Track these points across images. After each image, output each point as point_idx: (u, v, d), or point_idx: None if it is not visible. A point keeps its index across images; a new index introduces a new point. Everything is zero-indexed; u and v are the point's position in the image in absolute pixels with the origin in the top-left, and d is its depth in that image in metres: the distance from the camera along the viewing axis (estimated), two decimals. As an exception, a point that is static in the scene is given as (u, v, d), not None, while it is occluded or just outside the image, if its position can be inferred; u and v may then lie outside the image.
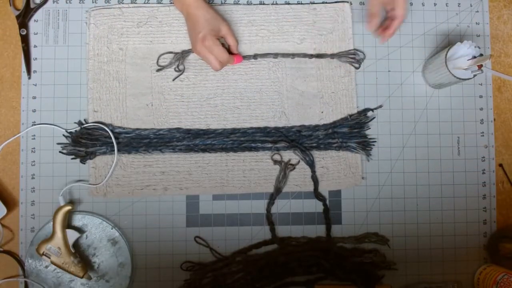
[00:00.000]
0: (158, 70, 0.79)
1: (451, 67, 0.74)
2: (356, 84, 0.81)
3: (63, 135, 0.78)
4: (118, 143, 0.77)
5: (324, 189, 0.80)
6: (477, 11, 0.84)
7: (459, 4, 0.84)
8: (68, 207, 0.74)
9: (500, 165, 0.82)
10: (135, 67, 0.79)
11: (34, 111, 0.78)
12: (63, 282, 0.76)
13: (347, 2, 0.82)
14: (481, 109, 0.82)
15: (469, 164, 0.81)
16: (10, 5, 0.79)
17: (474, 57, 0.75)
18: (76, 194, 0.78)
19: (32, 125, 0.78)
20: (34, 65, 0.79)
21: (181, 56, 0.79)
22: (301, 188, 0.79)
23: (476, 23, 0.84)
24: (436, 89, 0.82)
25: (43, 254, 0.72)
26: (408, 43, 0.83)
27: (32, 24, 0.80)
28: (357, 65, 0.81)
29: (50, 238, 0.73)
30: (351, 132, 0.80)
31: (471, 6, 0.84)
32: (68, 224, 0.75)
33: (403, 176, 0.81)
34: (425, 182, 0.81)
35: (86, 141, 0.77)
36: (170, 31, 0.80)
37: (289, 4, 0.82)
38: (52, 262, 0.72)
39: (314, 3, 0.82)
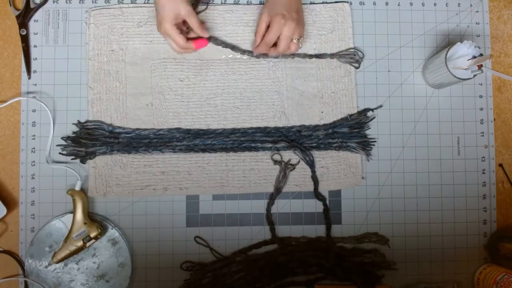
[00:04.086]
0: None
1: (451, 67, 0.74)
2: (356, 84, 0.81)
3: (62, 138, 0.78)
4: (118, 143, 0.77)
5: (324, 189, 0.80)
6: (477, 11, 0.84)
7: (459, 4, 0.84)
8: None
9: (500, 165, 0.82)
10: (135, 67, 0.79)
11: (34, 111, 0.78)
12: (63, 282, 0.76)
13: (347, 2, 0.82)
14: (481, 109, 0.82)
15: (469, 164, 0.81)
16: (10, 5, 0.79)
17: (474, 57, 0.75)
18: (76, 194, 0.78)
19: (32, 125, 0.78)
20: (34, 65, 0.79)
21: None
22: (301, 188, 0.79)
23: (476, 23, 0.84)
24: (436, 89, 0.82)
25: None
26: (408, 43, 0.83)
27: (32, 24, 0.80)
28: (356, 65, 0.81)
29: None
30: (351, 132, 0.80)
31: (471, 6, 0.84)
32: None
33: (403, 176, 0.81)
34: (425, 182, 0.81)
35: (86, 141, 0.77)
36: (170, 31, 0.80)
37: (289, 4, 0.81)
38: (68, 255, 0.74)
39: (313, 3, 0.82)
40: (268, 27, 0.74)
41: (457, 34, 0.83)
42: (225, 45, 0.79)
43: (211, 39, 0.78)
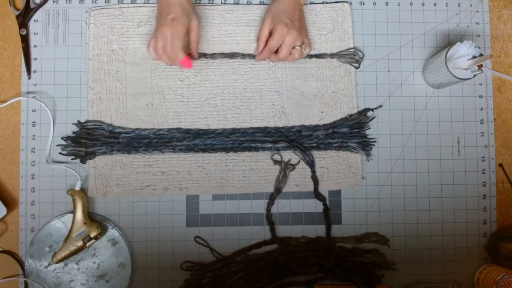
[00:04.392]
0: None
1: (451, 67, 0.74)
2: (356, 84, 0.81)
3: (62, 138, 0.78)
4: (118, 143, 0.77)
5: (324, 189, 0.80)
6: (477, 11, 0.84)
7: (459, 4, 0.84)
8: None
9: (500, 165, 0.82)
10: (135, 67, 0.79)
11: (34, 111, 0.78)
12: (63, 282, 0.76)
13: (347, 2, 0.82)
14: (481, 109, 0.82)
15: (469, 164, 0.81)
16: (10, 5, 0.79)
17: (474, 57, 0.75)
18: (76, 194, 0.78)
19: (32, 125, 0.78)
20: (34, 65, 0.79)
21: None
22: (301, 188, 0.79)
23: (476, 23, 0.84)
24: (436, 89, 0.82)
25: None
26: (408, 43, 0.83)
27: (32, 24, 0.80)
28: (356, 65, 0.81)
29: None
30: (351, 132, 0.80)
31: (471, 6, 0.84)
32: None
33: (403, 176, 0.81)
34: (425, 182, 0.81)
35: (86, 141, 0.77)
36: (170, 31, 0.80)
37: (289, 4, 0.81)
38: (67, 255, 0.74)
39: (313, 3, 0.82)
40: (270, 33, 0.75)
41: (457, 34, 0.83)
42: (223, 56, 0.79)
43: (207, 56, 0.78)
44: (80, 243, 0.74)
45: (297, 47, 0.76)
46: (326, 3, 0.82)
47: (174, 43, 0.71)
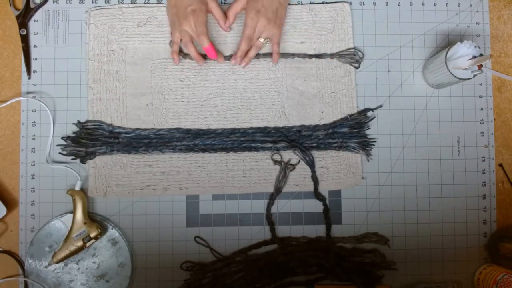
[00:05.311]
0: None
1: (451, 67, 0.74)
2: (356, 84, 0.81)
3: (62, 137, 0.78)
4: (118, 143, 0.77)
5: (324, 189, 0.80)
6: (477, 11, 0.84)
7: (459, 4, 0.84)
8: None
9: (500, 165, 0.82)
10: (135, 67, 0.79)
11: (34, 111, 0.78)
12: (63, 282, 0.76)
13: (347, 2, 0.82)
14: (481, 109, 0.82)
15: (469, 164, 0.81)
16: (10, 5, 0.79)
17: (474, 57, 0.75)
18: (76, 194, 0.78)
19: (32, 125, 0.78)
20: (34, 65, 0.79)
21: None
22: (301, 188, 0.79)
23: (476, 23, 0.84)
24: (436, 89, 0.82)
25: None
26: (408, 43, 0.83)
27: (32, 24, 0.80)
28: (356, 65, 0.81)
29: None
30: (351, 132, 0.80)
31: (471, 6, 0.84)
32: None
33: (403, 176, 0.81)
34: (425, 182, 0.81)
35: (86, 141, 0.77)
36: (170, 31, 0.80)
37: (289, 4, 0.81)
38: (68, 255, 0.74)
39: (313, 3, 0.82)
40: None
41: (457, 34, 0.83)
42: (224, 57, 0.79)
43: (208, 56, 0.77)
44: (80, 243, 0.74)
45: (261, 39, 0.75)
46: (326, 3, 0.82)
47: (198, 30, 0.72)
